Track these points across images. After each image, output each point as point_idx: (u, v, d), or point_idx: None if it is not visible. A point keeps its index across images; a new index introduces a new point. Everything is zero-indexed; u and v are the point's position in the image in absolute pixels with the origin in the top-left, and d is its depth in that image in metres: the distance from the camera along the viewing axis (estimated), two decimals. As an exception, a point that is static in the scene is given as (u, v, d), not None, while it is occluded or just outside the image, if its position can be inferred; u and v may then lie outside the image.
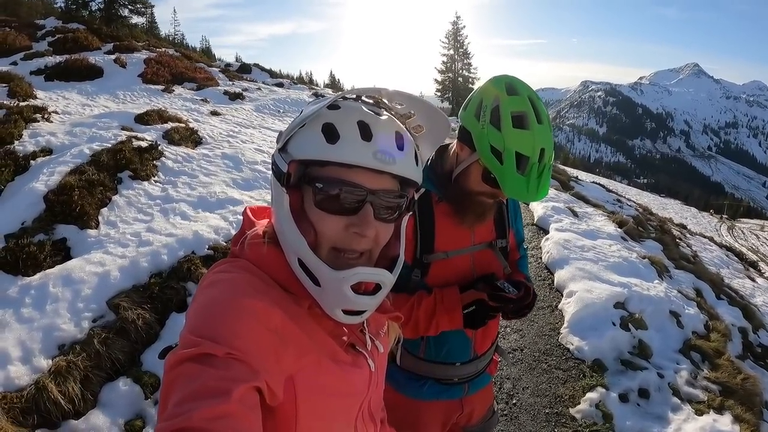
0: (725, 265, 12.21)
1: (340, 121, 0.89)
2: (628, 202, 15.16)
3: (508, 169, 1.45)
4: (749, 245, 32.28)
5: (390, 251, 1.03)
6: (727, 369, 5.13)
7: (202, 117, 11.04)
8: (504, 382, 4.54)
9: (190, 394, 0.71)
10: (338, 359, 0.96)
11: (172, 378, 0.75)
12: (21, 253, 4.36)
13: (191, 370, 0.74)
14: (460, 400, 1.92)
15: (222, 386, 0.72)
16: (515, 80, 1.54)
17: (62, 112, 9.24)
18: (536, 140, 1.44)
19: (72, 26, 20.34)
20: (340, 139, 0.87)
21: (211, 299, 0.85)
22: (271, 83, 21.22)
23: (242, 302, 0.84)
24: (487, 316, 1.68)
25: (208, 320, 0.81)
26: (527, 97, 1.48)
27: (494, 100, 1.49)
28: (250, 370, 0.77)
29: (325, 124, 0.89)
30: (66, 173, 5.75)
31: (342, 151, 0.87)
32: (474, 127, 1.53)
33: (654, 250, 8.61)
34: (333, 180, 0.89)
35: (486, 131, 1.48)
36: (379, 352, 1.12)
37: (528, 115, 1.46)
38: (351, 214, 0.91)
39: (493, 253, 1.82)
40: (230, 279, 0.90)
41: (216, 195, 6.46)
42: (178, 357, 0.76)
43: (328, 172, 0.90)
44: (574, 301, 5.72)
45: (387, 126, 0.93)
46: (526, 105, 1.47)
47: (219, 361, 0.75)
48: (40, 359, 3.48)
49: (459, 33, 44.07)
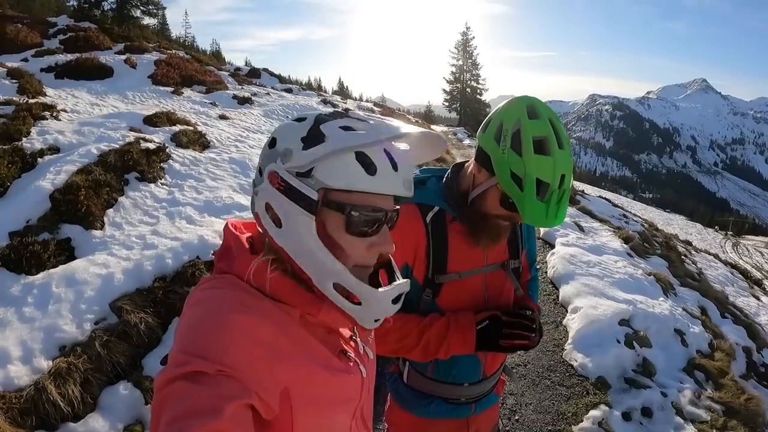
0: (730, 283, 12.13)
1: (371, 151, 0.91)
2: (634, 217, 15.12)
3: (528, 196, 1.43)
4: (754, 262, 32.09)
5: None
6: (730, 389, 5.09)
7: (210, 120, 11.05)
8: (507, 397, 4.50)
9: (182, 413, 0.70)
10: (331, 366, 0.98)
11: (163, 397, 0.75)
12: (25, 251, 4.37)
13: (182, 388, 0.74)
14: (466, 419, 1.89)
15: (214, 404, 0.72)
16: (536, 102, 1.51)
17: (71, 111, 9.26)
18: (557, 166, 1.42)
19: (84, 25, 20.47)
20: (377, 172, 0.90)
21: (199, 316, 0.85)
22: (280, 88, 21.28)
23: (231, 318, 0.84)
24: (500, 335, 1.64)
25: (198, 338, 0.81)
26: (548, 120, 1.46)
27: (515, 124, 1.46)
28: (242, 386, 0.77)
29: (359, 153, 0.90)
30: (73, 172, 5.75)
31: (381, 182, 0.90)
32: (494, 151, 1.50)
33: (659, 266, 8.57)
34: (365, 206, 0.92)
35: (507, 157, 1.45)
36: (369, 359, 1.16)
37: (549, 139, 1.43)
38: (374, 234, 0.96)
39: (505, 274, 1.79)
40: (218, 295, 0.90)
41: (222, 200, 6.46)
42: (169, 376, 0.76)
43: (356, 200, 0.91)
44: (579, 317, 5.68)
45: (405, 154, 0.98)
46: (547, 129, 1.44)
47: (210, 379, 0.75)
48: (41, 360, 3.47)
49: (468, 44, 44.21)
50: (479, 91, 44.02)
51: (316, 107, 16.92)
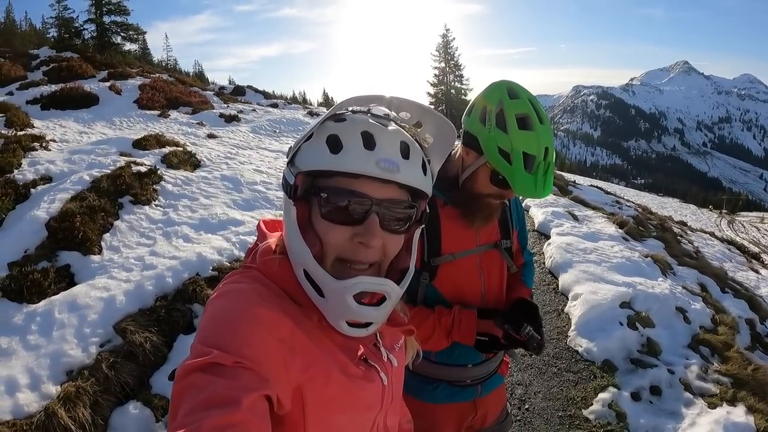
0: (728, 259, 12.21)
1: (344, 133, 0.89)
2: (627, 203, 15.18)
3: (517, 169, 1.51)
4: (750, 238, 32.27)
5: (400, 263, 1.01)
6: (737, 361, 5.11)
7: (199, 140, 11.10)
8: (515, 388, 4.52)
9: (200, 404, 0.71)
10: (348, 372, 0.95)
11: (182, 388, 0.75)
12: (25, 280, 4.37)
13: (201, 379, 0.74)
14: (473, 402, 1.92)
15: (231, 395, 0.72)
16: (514, 84, 1.61)
17: (60, 140, 9.28)
18: (540, 140, 1.51)
19: (66, 55, 20.55)
20: (343, 149, 0.87)
21: (220, 309, 0.86)
22: (265, 104, 21.34)
23: (251, 311, 0.84)
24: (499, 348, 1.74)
25: (217, 330, 0.82)
26: (527, 99, 1.55)
27: (498, 105, 1.55)
28: (260, 378, 0.77)
29: (330, 135, 0.89)
30: (67, 200, 5.77)
31: (344, 160, 0.87)
32: (480, 131, 1.58)
33: (656, 248, 8.60)
34: (338, 190, 0.89)
35: (493, 134, 1.54)
36: (393, 366, 1.10)
37: (530, 116, 1.53)
38: (356, 224, 0.90)
39: (498, 253, 1.85)
40: (240, 289, 0.90)
41: (217, 216, 6.48)
42: (188, 367, 0.76)
43: (333, 183, 0.90)
44: (580, 303, 5.71)
45: (392, 136, 0.92)
46: (527, 107, 1.54)
47: (228, 371, 0.75)
48: (49, 385, 3.47)
49: (449, 45, 44.17)
50: (464, 92, 43.89)
51: (303, 120, 17.00)
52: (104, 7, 27.87)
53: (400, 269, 1.01)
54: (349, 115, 0.95)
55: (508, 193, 1.61)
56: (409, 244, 1.04)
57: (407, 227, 0.98)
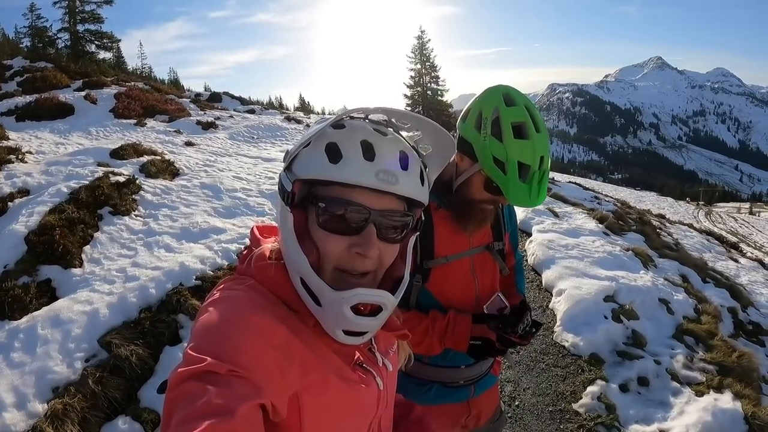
0: (707, 250, 12.40)
1: (343, 141, 0.89)
2: (606, 198, 15.35)
3: (511, 179, 1.50)
4: (728, 228, 32.83)
5: (395, 272, 1.02)
6: (721, 349, 5.22)
7: (177, 148, 10.99)
8: (504, 385, 4.55)
9: (193, 413, 0.69)
10: (345, 377, 0.95)
11: (175, 396, 0.74)
12: (6, 296, 4.29)
13: (194, 388, 0.73)
14: (467, 402, 1.93)
15: (225, 405, 0.71)
16: (511, 90, 1.59)
17: (36, 152, 9.14)
18: (536, 149, 1.50)
19: (40, 65, 20.25)
20: (342, 159, 0.87)
21: (213, 316, 0.84)
22: (242, 110, 21.25)
23: (245, 319, 0.84)
24: (491, 353, 1.73)
25: (211, 337, 0.81)
26: (524, 106, 1.54)
27: (494, 112, 1.53)
28: (254, 387, 0.76)
29: (329, 143, 0.89)
30: (45, 213, 5.66)
31: (344, 170, 0.87)
32: (476, 138, 1.57)
33: (636, 241, 8.73)
34: (336, 200, 0.89)
35: (488, 143, 1.53)
36: (388, 371, 1.10)
37: (527, 124, 1.51)
38: (354, 234, 0.90)
39: (491, 255, 1.86)
40: (234, 296, 0.90)
41: (198, 225, 6.41)
42: (181, 375, 0.75)
43: (331, 192, 0.90)
44: (564, 299, 5.77)
45: (391, 145, 0.92)
46: (524, 115, 1.52)
47: (222, 379, 0.74)
48: (35, 403, 3.39)
49: (425, 47, 44.17)
50: (440, 93, 43.88)
51: (281, 125, 16.95)
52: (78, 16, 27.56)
53: (395, 277, 1.02)
54: (348, 121, 0.95)
55: (502, 199, 1.60)
56: (404, 252, 1.04)
57: (403, 236, 0.99)
